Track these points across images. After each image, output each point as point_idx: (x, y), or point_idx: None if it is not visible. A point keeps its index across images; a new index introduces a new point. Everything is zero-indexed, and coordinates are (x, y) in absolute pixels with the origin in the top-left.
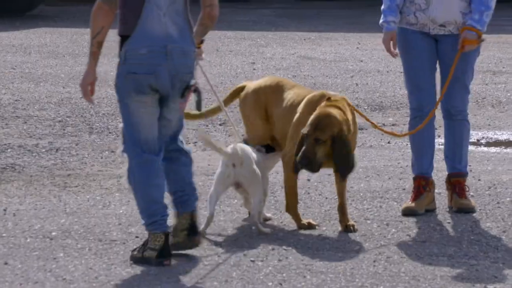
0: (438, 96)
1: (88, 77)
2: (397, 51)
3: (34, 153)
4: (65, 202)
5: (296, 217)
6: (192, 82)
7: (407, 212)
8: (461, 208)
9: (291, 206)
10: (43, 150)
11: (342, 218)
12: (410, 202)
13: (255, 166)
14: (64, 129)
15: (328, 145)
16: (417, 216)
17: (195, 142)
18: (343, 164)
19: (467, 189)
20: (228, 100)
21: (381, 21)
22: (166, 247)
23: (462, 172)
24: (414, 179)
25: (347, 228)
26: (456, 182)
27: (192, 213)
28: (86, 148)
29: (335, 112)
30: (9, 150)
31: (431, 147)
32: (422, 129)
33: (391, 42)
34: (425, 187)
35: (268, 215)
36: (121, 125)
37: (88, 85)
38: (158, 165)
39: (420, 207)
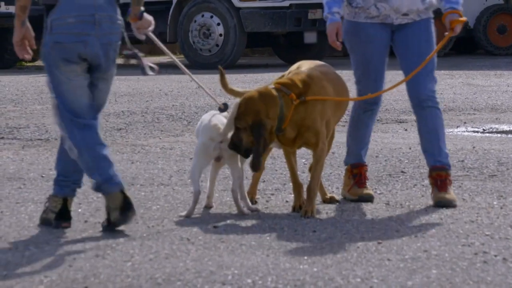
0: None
1: (17, 34)
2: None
3: None
4: None
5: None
6: (128, 51)
7: (445, 203)
8: (440, 202)
9: None
10: None
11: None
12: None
13: None
14: None
15: (247, 132)
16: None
17: None
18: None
19: (449, 182)
20: None
21: (325, 13)
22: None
23: (444, 165)
24: (355, 166)
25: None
26: (438, 176)
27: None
28: None
29: (256, 94)
30: None
31: (369, 137)
32: (363, 119)
33: (337, 34)
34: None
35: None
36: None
37: (19, 41)
38: (96, 130)
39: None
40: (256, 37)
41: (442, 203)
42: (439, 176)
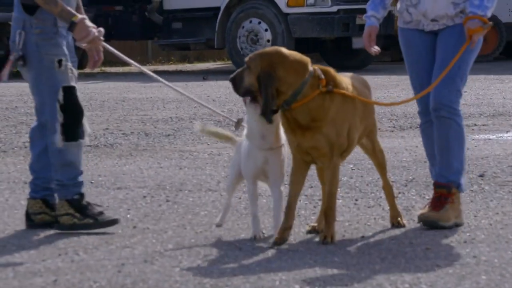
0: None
1: None
2: (376, 48)
3: None
4: None
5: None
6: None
7: (427, 223)
8: (422, 220)
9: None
10: None
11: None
12: (427, 208)
13: None
14: None
15: (253, 75)
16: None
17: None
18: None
19: (450, 201)
20: None
21: (364, 15)
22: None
23: (448, 183)
24: (434, 185)
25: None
26: (437, 194)
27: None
28: None
29: (286, 52)
30: None
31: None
32: (432, 135)
33: (370, 38)
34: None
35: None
36: None
37: None
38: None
39: (443, 218)
40: (304, 43)
41: (424, 222)
42: (438, 194)
